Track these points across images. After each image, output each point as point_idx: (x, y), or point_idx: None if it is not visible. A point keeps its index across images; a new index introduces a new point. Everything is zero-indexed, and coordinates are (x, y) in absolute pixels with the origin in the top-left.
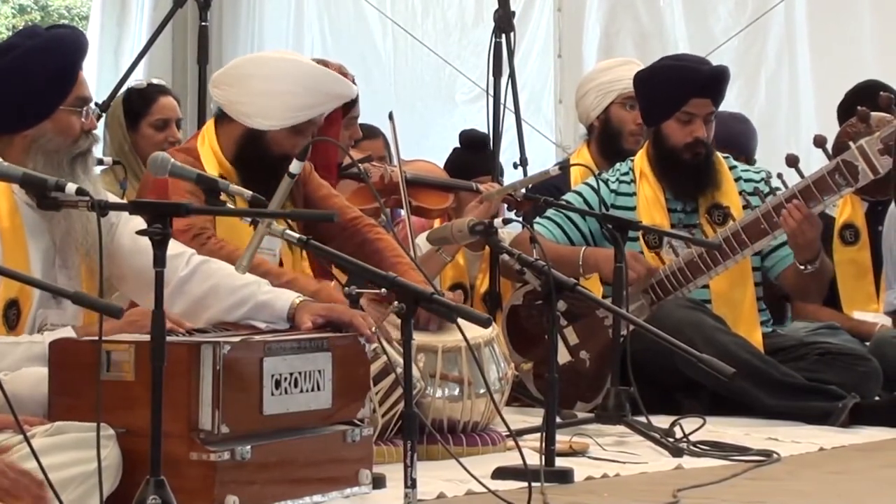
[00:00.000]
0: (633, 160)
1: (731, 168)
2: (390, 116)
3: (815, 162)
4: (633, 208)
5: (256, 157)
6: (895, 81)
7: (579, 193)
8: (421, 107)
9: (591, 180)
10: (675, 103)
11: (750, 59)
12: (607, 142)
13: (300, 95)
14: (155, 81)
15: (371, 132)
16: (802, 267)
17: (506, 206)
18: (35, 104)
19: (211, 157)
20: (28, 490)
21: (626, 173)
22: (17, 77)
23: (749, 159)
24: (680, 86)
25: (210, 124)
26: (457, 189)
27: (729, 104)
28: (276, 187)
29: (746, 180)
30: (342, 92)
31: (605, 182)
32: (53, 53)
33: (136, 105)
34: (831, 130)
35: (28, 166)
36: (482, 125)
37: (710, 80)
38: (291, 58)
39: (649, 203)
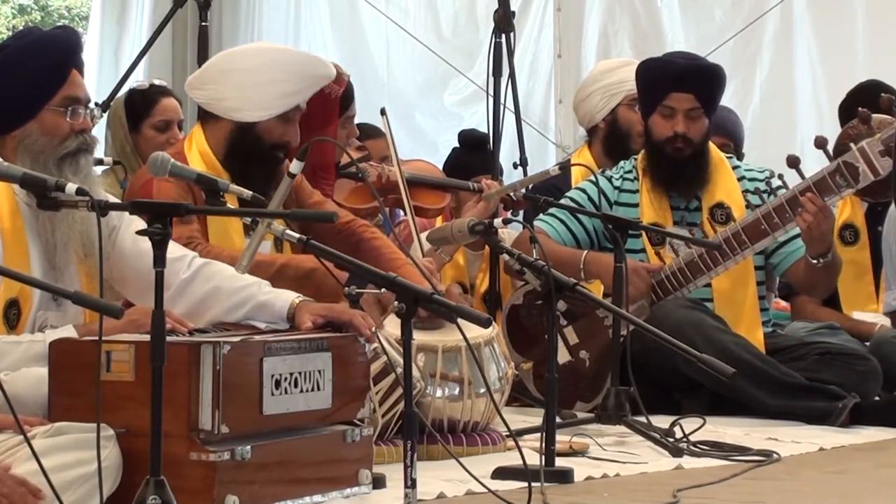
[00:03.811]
0: (636, 158)
1: (735, 168)
2: (382, 112)
3: (810, 162)
4: (635, 205)
5: (248, 150)
6: (890, 83)
7: (583, 190)
8: (417, 107)
9: (594, 176)
10: (656, 98)
11: (746, 60)
12: (614, 143)
13: (285, 82)
14: (157, 82)
15: (374, 132)
16: (815, 261)
17: (502, 205)
18: (19, 104)
19: (199, 160)
20: (24, 499)
21: (630, 171)
22: (3, 77)
23: (738, 147)
24: (661, 80)
25: (197, 128)
26: (454, 188)
27: (724, 104)
28: (269, 182)
29: (750, 179)
30: (323, 73)
31: (609, 179)
32: (40, 53)
33: (138, 106)
34: (825, 131)
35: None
36: (479, 125)
37: (686, 74)
38: (269, 47)
39: (652, 201)
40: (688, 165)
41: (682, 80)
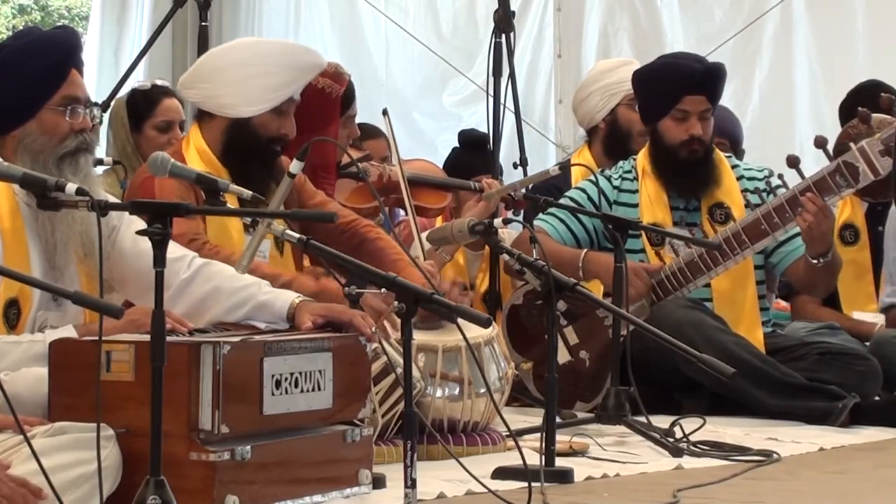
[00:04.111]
0: (635, 158)
1: (734, 167)
2: (384, 113)
3: (810, 162)
4: (635, 206)
5: (245, 146)
6: (890, 83)
7: (583, 190)
8: (416, 107)
9: (594, 176)
10: (669, 101)
11: (745, 60)
12: (615, 143)
13: (276, 74)
14: (159, 83)
15: (373, 132)
16: (815, 260)
17: (503, 205)
18: (19, 104)
19: (197, 159)
20: (26, 499)
21: (629, 171)
22: (2, 77)
23: (736, 146)
24: (674, 83)
25: (194, 127)
26: (456, 188)
27: (721, 104)
28: (268, 177)
29: (749, 179)
30: (313, 62)
31: (609, 178)
32: (39, 53)
33: (140, 106)
34: (825, 131)
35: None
36: (479, 125)
37: (704, 77)
38: (256, 41)
39: (652, 201)
40: (701, 166)
41: (697, 83)
